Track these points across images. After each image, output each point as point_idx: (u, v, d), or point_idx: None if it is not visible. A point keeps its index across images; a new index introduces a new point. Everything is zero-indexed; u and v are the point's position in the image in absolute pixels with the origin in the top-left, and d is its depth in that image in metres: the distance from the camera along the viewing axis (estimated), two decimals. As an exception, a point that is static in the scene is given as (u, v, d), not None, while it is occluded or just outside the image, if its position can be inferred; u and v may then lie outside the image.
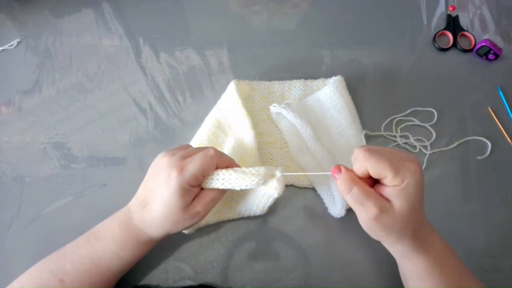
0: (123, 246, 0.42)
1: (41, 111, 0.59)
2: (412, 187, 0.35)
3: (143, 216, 0.41)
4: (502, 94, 0.59)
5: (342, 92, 0.56)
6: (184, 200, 0.39)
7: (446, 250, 0.40)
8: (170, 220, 0.40)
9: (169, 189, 0.39)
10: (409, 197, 0.35)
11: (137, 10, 0.67)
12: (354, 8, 0.67)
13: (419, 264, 0.39)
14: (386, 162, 0.35)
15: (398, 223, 0.36)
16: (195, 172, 0.39)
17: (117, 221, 0.43)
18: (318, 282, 0.48)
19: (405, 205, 0.35)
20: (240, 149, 0.52)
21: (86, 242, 0.43)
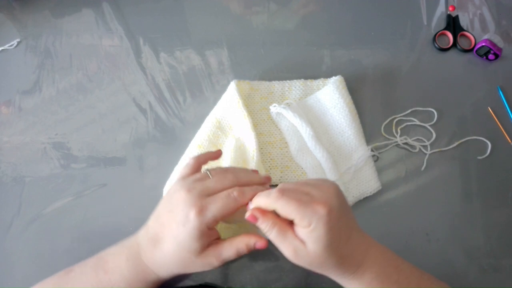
0: (131, 284, 0.39)
1: (41, 111, 0.59)
2: (320, 230, 0.34)
3: (153, 254, 0.39)
4: (502, 94, 0.59)
5: (342, 92, 0.56)
6: (199, 244, 0.37)
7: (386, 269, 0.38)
8: (181, 262, 0.38)
9: (186, 231, 0.36)
10: (319, 239, 0.34)
11: (137, 10, 0.67)
12: (354, 8, 0.67)
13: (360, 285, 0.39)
14: (293, 206, 0.34)
15: (315, 261, 0.36)
16: (216, 214, 0.36)
17: (125, 255, 0.40)
18: (318, 282, 0.48)
19: (317, 247, 0.35)
20: (241, 151, 0.52)
21: (94, 272, 0.40)
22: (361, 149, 0.54)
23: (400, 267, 0.39)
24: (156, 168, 0.55)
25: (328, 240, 0.34)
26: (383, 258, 0.39)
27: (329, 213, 0.34)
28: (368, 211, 0.52)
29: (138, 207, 0.52)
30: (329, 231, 0.34)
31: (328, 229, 0.34)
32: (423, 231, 0.51)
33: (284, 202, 0.35)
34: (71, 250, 0.50)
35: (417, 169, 0.55)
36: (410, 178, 0.54)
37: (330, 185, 0.37)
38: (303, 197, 0.35)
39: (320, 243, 0.34)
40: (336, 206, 0.35)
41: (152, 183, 0.54)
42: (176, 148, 0.55)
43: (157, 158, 0.56)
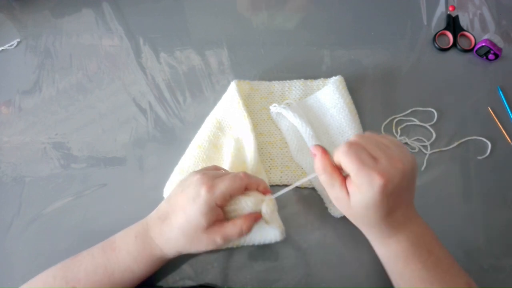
0: (137, 259, 0.41)
1: (41, 111, 0.59)
2: (368, 196, 0.35)
3: (161, 229, 0.41)
4: (502, 94, 0.59)
5: (342, 92, 0.56)
6: (207, 218, 0.39)
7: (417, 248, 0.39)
8: (186, 237, 0.40)
9: (195, 205, 0.39)
10: (363, 201, 0.36)
11: (137, 10, 0.67)
12: (354, 8, 0.67)
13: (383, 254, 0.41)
14: (354, 165, 0.35)
15: (352, 215, 0.39)
16: (224, 191, 0.39)
17: (134, 233, 0.42)
18: (318, 282, 0.48)
19: (358, 206, 0.37)
20: (241, 153, 0.52)
21: (102, 252, 0.42)
22: (361, 149, 0.54)
23: (434, 249, 0.40)
24: (156, 168, 0.55)
25: (370, 206, 0.36)
26: (419, 235, 0.40)
27: (383, 187, 0.35)
28: (368, 211, 0.51)
29: (138, 207, 0.52)
30: (375, 200, 0.35)
31: (375, 199, 0.35)
32: (423, 231, 0.51)
33: (348, 159, 0.36)
34: (71, 250, 0.50)
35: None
36: (410, 178, 0.54)
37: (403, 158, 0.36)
38: (368, 160, 0.36)
39: (362, 204, 0.36)
40: (394, 184, 0.35)
41: (152, 183, 0.54)
42: (176, 148, 0.55)
43: (157, 158, 0.56)
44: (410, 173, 0.37)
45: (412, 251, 0.39)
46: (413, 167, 0.37)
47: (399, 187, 0.36)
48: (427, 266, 0.38)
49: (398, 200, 0.37)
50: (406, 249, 0.39)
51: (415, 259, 0.39)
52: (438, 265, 0.39)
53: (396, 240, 0.39)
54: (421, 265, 0.38)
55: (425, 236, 0.40)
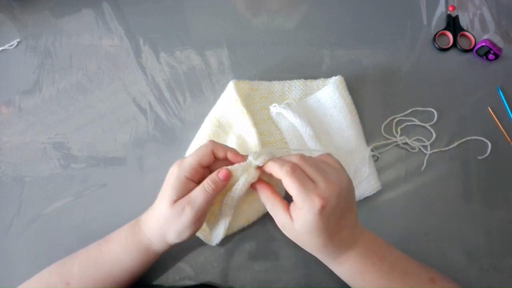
0: (125, 249, 0.42)
1: (41, 111, 0.59)
2: (309, 217, 0.37)
3: (147, 216, 0.43)
4: (502, 94, 0.59)
5: (342, 92, 0.56)
6: (175, 191, 0.39)
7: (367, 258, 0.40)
8: (164, 217, 0.40)
9: (168, 183, 0.40)
10: (305, 223, 0.37)
11: (137, 10, 0.67)
12: (354, 8, 0.67)
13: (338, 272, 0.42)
14: (295, 187, 0.37)
15: (299, 239, 0.40)
16: (191, 161, 0.40)
17: (128, 225, 0.44)
18: (318, 282, 0.48)
19: (302, 229, 0.38)
20: (244, 148, 0.52)
21: (97, 245, 0.44)
22: (361, 149, 0.54)
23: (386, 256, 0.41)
24: (156, 168, 0.55)
25: (313, 228, 0.37)
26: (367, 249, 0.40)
27: (322, 209, 0.36)
28: (368, 211, 0.52)
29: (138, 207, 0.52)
30: (317, 221, 0.36)
31: (317, 220, 0.36)
32: (423, 231, 0.51)
33: (290, 181, 0.37)
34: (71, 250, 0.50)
35: (417, 169, 0.55)
36: (410, 178, 0.54)
37: (340, 182, 0.38)
38: (308, 183, 0.37)
39: (305, 227, 0.37)
40: (332, 206, 0.37)
41: (152, 183, 0.54)
42: (176, 148, 0.55)
43: (157, 158, 0.56)
44: (346, 194, 0.38)
45: (365, 262, 0.40)
46: (349, 189, 0.39)
47: (338, 208, 0.37)
48: (384, 273, 0.39)
49: (340, 222, 0.38)
50: (358, 262, 0.40)
51: (369, 269, 0.40)
52: (394, 269, 0.40)
53: (347, 257, 0.40)
54: (377, 274, 0.39)
55: (374, 246, 0.41)
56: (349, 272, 0.41)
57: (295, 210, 0.38)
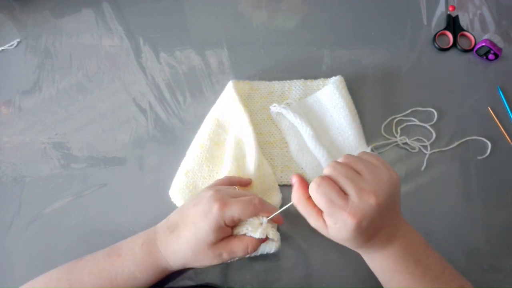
0: (141, 267, 0.41)
1: (41, 111, 0.59)
2: (344, 233, 0.36)
3: (169, 240, 0.41)
4: (502, 94, 0.59)
5: (342, 92, 0.56)
6: (215, 236, 0.39)
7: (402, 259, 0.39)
8: (193, 251, 0.40)
9: (206, 221, 0.39)
10: (340, 236, 0.37)
11: (137, 10, 0.67)
12: (354, 8, 0.67)
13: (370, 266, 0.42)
14: (323, 204, 0.35)
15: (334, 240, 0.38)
16: (235, 214, 0.39)
17: (141, 240, 0.42)
18: (318, 282, 0.48)
19: (335, 237, 0.37)
20: (241, 147, 0.52)
21: (107, 256, 0.42)
22: (361, 149, 0.54)
23: (421, 258, 0.39)
24: (156, 168, 0.55)
25: (347, 238, 0.36)
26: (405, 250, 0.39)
27: (357, 226, 0.34)
28: (368, 211, 0.51)
29: (138, 207, 0.52)
30: (351, 236, 0.35)
31: (351, 235, 0.35)
32: (423, 231, 0.51)
33: (318, 198, 0.36)
34: (71, 250, 0.50)
35: (417, 169, 0.55)
36: (410, 178, 0.54)
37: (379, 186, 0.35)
38: (337, 200, 0.35)
39: (339, 237, 0.37)
40: (368, 219, 0.34)
41: (152, 183, 0.54)
42: (176, 148, 0.55)
43: (157, 158, 0.56)
44: (388, 197, 0.35)
45: (399, 263, 0.39)
46: (390, 190, 0.36)
47: (376, 219, 0.35)
48: (415, 276, 0.38)
49: (379, 226, 0.37)
50: (392, 262, 0.39)
51: (402, 270, 0.39)
52: (427, 274, 0.39)
53: (381, 254, 0.39)
54: (408, 276, 0.39)
55: (412, 247, 0.40)
56: (380, 268, 0.40)
57: (329, 220, 0.36)
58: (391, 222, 0.38)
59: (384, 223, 0.37)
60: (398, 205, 0.39)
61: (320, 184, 0.35)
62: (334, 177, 0.36)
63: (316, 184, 0.36)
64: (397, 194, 0.38)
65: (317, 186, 0.35)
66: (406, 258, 0.39)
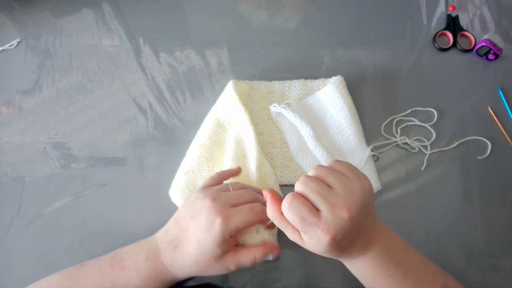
0: (147, 282, 0.41)
1: (41, 111, 0.59)
2: (320, 247, 0.36)
3: (173, 256, 0.41)
4: (502, 94, 0.59)
5: (342, 92, 0.56)
6: (221, 249, 0.39)
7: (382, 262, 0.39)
8: (200, 265, 0.40)
9: (210, 236, 0.39)
10: (315, 249, 0.37)
11: (137, 10, 0.67)
12: (354, 8, 0.67)
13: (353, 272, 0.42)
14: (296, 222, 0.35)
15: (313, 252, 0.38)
16: (239, 225, 0.39)
17: (144, 254, 0.41)
18: (318, 282, 0.48)
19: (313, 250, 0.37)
20: (241, 147, 0.52)
21: (110, 267, 0.41)
22: (361, 149, 0.54)
23: (401, 259, 0.39)
24: (156, 168, 0.55)
25: (325, 252, 0.36)
26: (383, 254, 0.39)
27: (332, 241, 0.34)
28: (368, 211, 0.52)
29: (138, 207, 0.52)
30: (326, 250, 0.36)
31: (326, 249, 0.35)
32: (423, 231, 0.51)
33: (290, 216, 0.35)
34: (71, 250, 0.50)
35: (417, 169, 0.55)
36: (410, 178, 0.54)
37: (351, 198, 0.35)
38: (310, 217, 0.34)
39: (317, 251, 0.37)
40: (342, 233, 0.34)
41: (152, 183, 0.54)
42: (176, 148, 0.55)
43: (157, 158, 0.56)
44: (361, 212, 0.35)
45: (378, 267, 0.39)
46: (363, 199, 0.35)
47: (350, 232, 0.35)
48: (396, 279, 0.38)
49: (354, 236, 0.36)
50: (372, 267, 0.39)
51: (382, 274, 0.39)
52: (408, 276, 0.39)
53: (360, 260, 0.39)
54: (389, 279, 0.39)
55: (391, 250, 0.39)
56: (361, 273, 0.41)
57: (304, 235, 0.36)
58: (367, 230, 0.38)
59: (359, 233, 0.37)
60: (373, 212, 0.39)
61: (291, 202, 0.35)
62: (306, 194, 0.36)
63: (288, 203, 0.35)
64: (370, 203, 0.37)
65: (289, 205, 0.35)
66: (385, 262, 0.39)
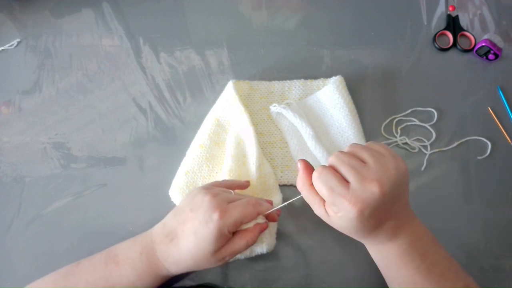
0: (141, 277, 0.40)
1: (41, 111, 0.59)
2: (345, 222, 0.36)
3: (168, 250, 0.40)
4: (502, 94, 0.59)
5: (342, 92, 0.56)
6: (217, 244, 0.39)
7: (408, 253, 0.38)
8: (195, 260, 0.40)
9: (207, 230, 0.38)
10: (342, 225, 0.37)
11: (137, 10, 0.67)
12: (354, 8, 0.67)
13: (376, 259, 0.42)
14: (324, 192, 0.35)
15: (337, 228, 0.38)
16: (237, 219, 0.39)
17: (138, 248, 0.41)
18: (318, 282, 0.48)
19: (338, 227, 0.37)
20: (241, 147, 0.52)
21: (104, 264, 0.41)
22: (361, 149, 0.54)
23: (428, 253, 0.39)
24: (156, 168, 0.55)
25: (350, 227, 0.36)
26: (411, 244, 0.38)
27: (359, 214, 0.34)
28: (368, 211, 0.52)
29: (138, 207, 0.52)
30: (353, 224, 0.35)
31: (352, 224, 0.35)
32: (423, 231, 0.51)
33: (319, 186, 0.36)
34: (71, 250, 0.50)
35: (417, 169, 0.55)
36: (410, 178, 0.53)
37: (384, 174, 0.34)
38: (338, 188, 0.34)
39: (341, 226, 0.36)
40: (371, 208, 0.34)
41: (152, 183, 0.54)
42: (176, 148, 0.55)
43: (157, 158, 0.56)
44: (393, 186, 0.34)
45: (404, 257, 0.38)
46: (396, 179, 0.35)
47: (380, 209, 0.34)
48: (421, 271, 0.38)
49: (383, 217, 0.36)
50: (397, 256, 0.38)
51: (407, 264, 0.38)
52: (432, 270, 0.38)
53: (386, 247, 0.39)
54: (414, 271, 0.38)
55: (419, 241, 0.39)
56: (385, 261, 0.40)
57: (330, 208, 0.36)
58: (397, 214, 0.37)
59: (389, 214, 0.36)
60: (406, 197, 0.38)
61: (321, 172, 0.36)
62: (337, 166, 0.36)
63: (318, 172, 0.36)
64: (403, 185, 0.36)
65: (318, 174, 0.36)
66: (412, 252, 0.38)
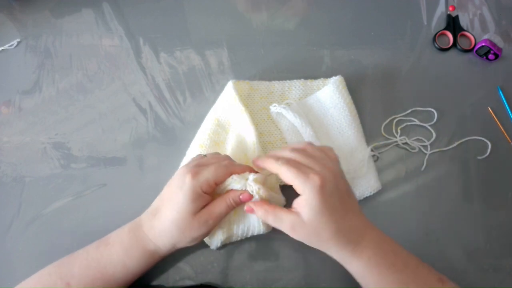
0: (129, 253, 0.42)
1: (41, 111, 0.59)
2: (313, 198, 0.37)
3: (153, 223, 0.42)
4: (502, 94, 0.59)
5: (342, 92, 0.56)
6: (195, 205, 0.40)
7: (383, 251, 0.40)
8: (178, 226, 0.40)
9: (182, 193, 0.40)
10: (312, 206, 0.38)
11: (137, 10, 0.67)
12: (354, 8, 0.67)
13: (354, 267, 0.41)
14: (292, 173, 0.39)
15: (311, 232, 0.39)
16: (208, 177, 0.40)
17: (127, 228, 0.44)
18: (318, 282, 0.48)
19: (311, 214, 0.38)
20: (242, 146, 0.52)
21: (96, 248, 0.43)
22: (361, 149, 0.54)
23: (397, 251, 0.41)
24: (156, 168, 0.55)
25: (321, 208, 0.37)
26: (380, 240, 0.41)
27: (323, 185, 0.38)
28: (368, 211, 0.51)
29: (138, 207, 0.52)
30: (322, 200, 0.37)
31: (321, 199, 0.37)
32: (423, 231, 0.51)
33: (286, 169, 0.39)
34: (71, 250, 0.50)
35: (417, 169, 0.55)
36: (410, 178, 0.54)
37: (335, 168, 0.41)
38: (303, 167, 0.39)
39: (313, 211, 0.38)
40: (331, 183, 0.38)
41: (152, 183, 0.54)
42: (176, 148, 0.55)
43: (157, 158, 0.56)
44: (340, 174, 0.41)
45: (380, 257, 0.39)
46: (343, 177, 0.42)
47: (337, 188, 0.39)
48: (398, 268, 0.39)
49: (343, 204, 0.39)
50: (373, 257, 0.39)
51: (386, 264, 0.39)
52: (407, 266, 0.40)
53: (364, 246, 0.39)
54: (393, 269, 0.39)
55: (386, 242, 0.41)
56: (367, 265, 0.40)
57: (298, 202, 0.39)
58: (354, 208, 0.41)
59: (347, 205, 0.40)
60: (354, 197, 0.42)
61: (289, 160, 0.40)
62: (297, 158, 0.41)
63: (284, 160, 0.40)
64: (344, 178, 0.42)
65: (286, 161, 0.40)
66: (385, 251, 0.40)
